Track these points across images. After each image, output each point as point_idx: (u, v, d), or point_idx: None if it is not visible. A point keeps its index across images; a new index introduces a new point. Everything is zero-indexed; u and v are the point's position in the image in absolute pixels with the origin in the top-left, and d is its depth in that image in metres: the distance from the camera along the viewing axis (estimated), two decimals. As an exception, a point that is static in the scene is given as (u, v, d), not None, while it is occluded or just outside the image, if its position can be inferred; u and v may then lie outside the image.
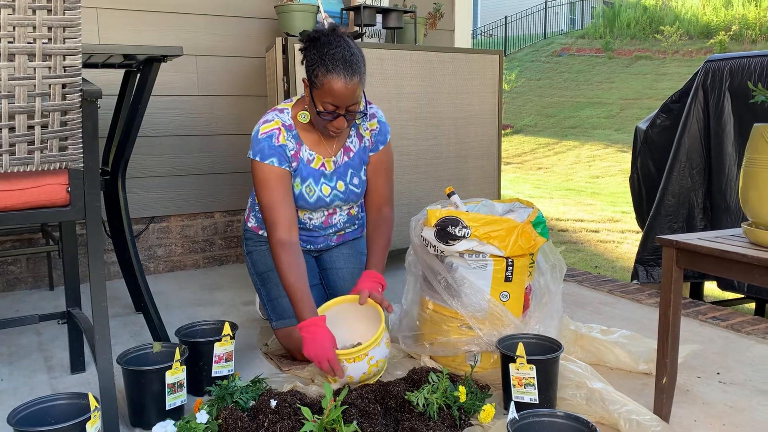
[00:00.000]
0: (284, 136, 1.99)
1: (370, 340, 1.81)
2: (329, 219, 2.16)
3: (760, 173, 1.44)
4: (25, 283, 3.08)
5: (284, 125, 2.00)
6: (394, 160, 2.96)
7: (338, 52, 1.83)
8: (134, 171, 3.18)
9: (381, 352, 1.84)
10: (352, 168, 2.11)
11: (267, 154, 1.94)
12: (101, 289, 1.55)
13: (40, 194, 1.49)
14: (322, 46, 1.85)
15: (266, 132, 1.97)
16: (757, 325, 2.41)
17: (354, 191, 2.13)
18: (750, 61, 2.78)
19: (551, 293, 2.03)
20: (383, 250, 2.09)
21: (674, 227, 3.02)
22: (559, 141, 11.94)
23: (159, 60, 2.06)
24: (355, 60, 1.85)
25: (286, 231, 1.92)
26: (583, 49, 17.77)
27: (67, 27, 1.36)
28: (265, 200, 1.94)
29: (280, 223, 1.92)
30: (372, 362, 1.81)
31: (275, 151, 1.96)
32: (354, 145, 2.12)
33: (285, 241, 1.90)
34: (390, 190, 2.20)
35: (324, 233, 2.19)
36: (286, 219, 1.93)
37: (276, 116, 2.01)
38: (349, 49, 1.86)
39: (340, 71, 1.82)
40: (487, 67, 3.30)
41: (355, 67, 1.84)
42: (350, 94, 1.86)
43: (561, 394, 1.73)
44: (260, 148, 1.95)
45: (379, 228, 2.13)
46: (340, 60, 1.82)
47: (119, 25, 3.10)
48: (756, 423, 1.69)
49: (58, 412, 1.47)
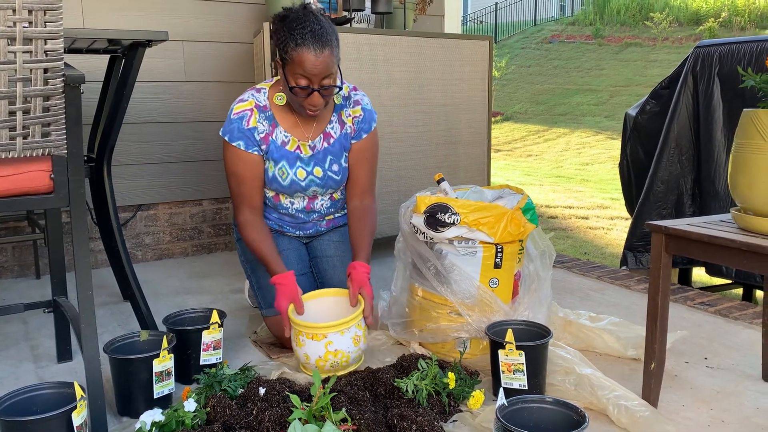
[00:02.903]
0: (256, 118, 1.99)
1: (330, 323, 1.79)
2: (311, 204, 2.14)
3: (748, 158, 1.44)
4: (11, 272, 3.05)
5: (258, 106, 2.00)
6: (384, 147, 2.95)
7: (307, 26, 1.82)
8: (121, 158, 3.14)
9: (345, 344, 1.80)
10: (332, 155, 2.09)
11: (235, 136, 1.97)
12: (87, 278, 1.53)
13: (22, 181, 1.47)
14: (291, 21, 1.85)
15: (238, 113, 1.98)
16: (744, 311, 2.42)
17: (333, 178, 2.10)
18: (739, 47, 2.77)
19: (540, 280, 2.03)
20: (369, 245, 2.06)
21: (663, 213, 3.03)
22: (549, 128, 11.95)
23: (144, 45, 2.03)
24: (324, 32, 1.83)
25: (251, 212, 2.01)
26: (573, 36, 17.75)
27: (48, 10, 1.33)
28: (233, 184, 2.02)
29: (246, 206, 2.01)
30: (330, 348, 1.78)
31: (243, 134, 1.97)
32: (335, 132, 2.09)
33: (250, 220, 2.00)
34: (372, 179, 2.18)
35: (309, 218, 2.18)
36: (252, 203, 2.02)
37: (252, 96, 2.01)
38: (319, 23, 1.84)
39: (309, 44, 1.81)
40: (477, 53, 3.28)
41: (325, 39, 1.83)
42: (322, 67, 1.83)
43: (550, 380, 1.74)
44: (230, 129, 1.98)
45: (362, 220, 2.11)
46: (309, 33, 1.81)
47: (104, 10, 3.05)
48: (743, 407, 1.70)
49: (44, 402, 1.46)
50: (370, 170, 2.16)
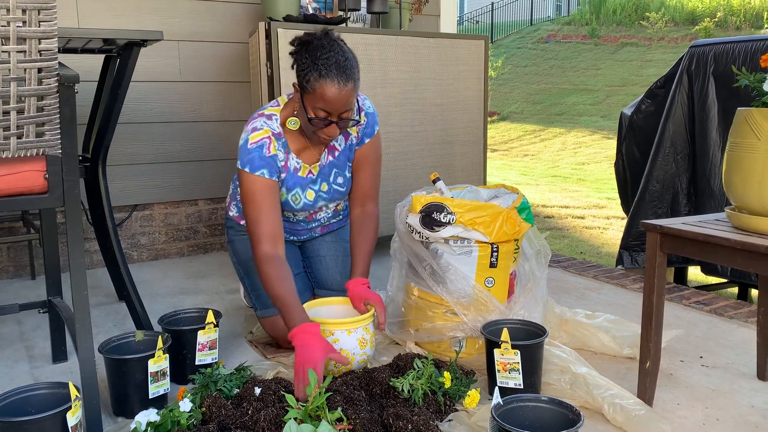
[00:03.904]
0: (275, 145, 1.89)
1: (339, 320, 1.80)
2: (314, 215, 2.12)
3: (743, 157, 1.44)
4: (7, 272, 3.05)
5: (274, 134, 1.90)
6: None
7: (332, 57, 1.74)
8: (117, 158, 3.14)
9: (350, 344, 1.80)
10: (337, 167, 2.04)
11: (257, 165, 1.84)
12: (81, 278, 1.53)
13: (17, 181, 1.46)
14: (315, 49, 1.76)
15: (256, 141, 1.86)
16: (739, 310, 2.43)
17: (338, 190, 2.06)
18: (734, 47, 2.78)
19: (536, 279, 2.03)
20: (368, 254, 2.03)
21: (659, 213, 3.03)
22: (545, 128, 11.96)
23: (139, 45, 2.02)
24: (349, 65, 1.76)
25: (271, 245, 1.83)
26: (569, 36, 17.77)
27: (42, 9, 1.33)
28: (252, 213, 1.85)
29: (265, 237, 1.82)
30: (336, 347, 1.78)
31: (266, 162, 1.86)
32: (339, 144, 2.04)
33: (270, 256, 1.81)
34: (375, 184, 2.11)
35: (307, 227, 2.17)
36: (272, 233, 1.84)
37: (265, 124, 1.90)
38: (343, 54, 1.77)
39: (334, 77, 1.73)
40: (473, 52, 3.28)
41: (349, 73, 1.75)
42: (344, 101, 1.77)
43: (545, 379, 1.74)
44: (250, 159, 1.85)
45: (363, 229, 2.05)
46: (334, 65, 1.73)
47: (99, 10, 3.04)
48: (738, 405, 1.70)
49: (39, 402, 1.45)
50: (372, 174, 2.09)
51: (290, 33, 2.70)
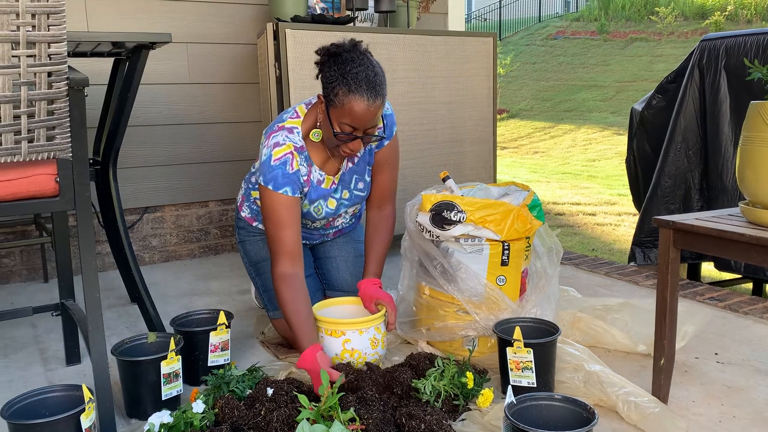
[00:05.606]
0: (297, 161, 1.85)
1: (350, 320, 1.80)
2: (332, 222, 2.11)
3: (756, 151, 1.43)
4: (20, 276, 3.07)
5: (296, 148, 1.85)
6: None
7: (362, 72, 1.70)
8: (127, 161, 3.15)
9: (362, 344, 1.80)
10: (357, 173, 2.01)
11: (281, 183, 1.81)
12: (93, 280, 1.53)
13: (28, 185, 1.47)
14: (344, 63, 1.71)
15: (279, 158, 1.82)
16: (754, 305, 2.41)
17: (359, 195, 2.05)
18: (746, 40, 2.75)
19: (548, 277, 2.02)
20: (382, 255, 2.02)
21: (671, 208, 3.01)
22: (555, 125, 11.91)
23: (147, 47, 2.03)
24: (378, 81, 1.72)
25: (290, 263, 1.80)
26: (578, 32, 17.68)
27: (52, 14, 1.33)
28: (272, 230, 1.82)
29: (284, 255, 1.80)
30: (347, 347, 1.79)
31: (289, 179, 1.82)
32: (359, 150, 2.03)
33: (288, 275, 1.79)
34: (392, 186, 2.08)
35: (324, 233, 2.16)
36: (291, 250, 1.81)
37: (287, 138, 1.85)
38: (373, 68, 1.73)
39: (364, 92, 1.69)
40: (481, 50, 3.27)
41: (378, 89, 1.72)
42: (372, 117, 1.73)
43: (559, 377, 1.73)
44: (273, 176, 1.81)
45: (379, 230, 2.05)
46: (364, 80, 1.69)
47: (108, 13, 3.06)
48: (754, 402, 1.69)
49: (53, 405, 1.46)
50: (391, 176, 2.06)
51: (298, 33, 2.70)
